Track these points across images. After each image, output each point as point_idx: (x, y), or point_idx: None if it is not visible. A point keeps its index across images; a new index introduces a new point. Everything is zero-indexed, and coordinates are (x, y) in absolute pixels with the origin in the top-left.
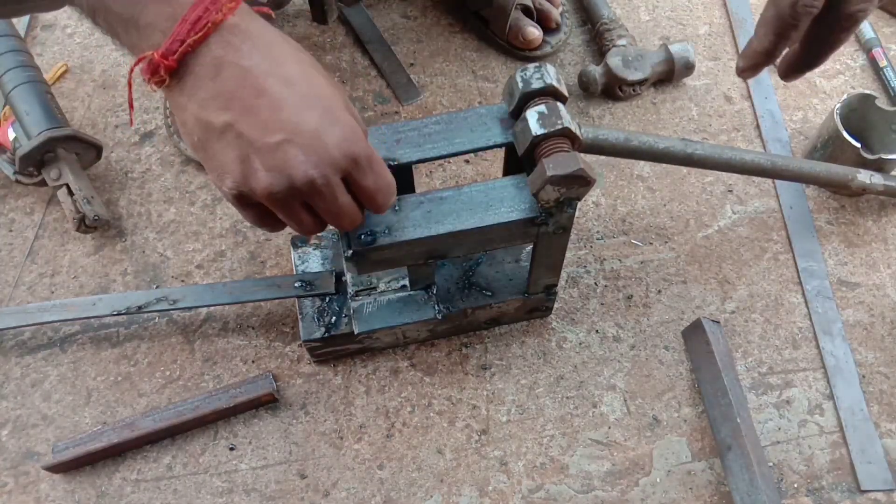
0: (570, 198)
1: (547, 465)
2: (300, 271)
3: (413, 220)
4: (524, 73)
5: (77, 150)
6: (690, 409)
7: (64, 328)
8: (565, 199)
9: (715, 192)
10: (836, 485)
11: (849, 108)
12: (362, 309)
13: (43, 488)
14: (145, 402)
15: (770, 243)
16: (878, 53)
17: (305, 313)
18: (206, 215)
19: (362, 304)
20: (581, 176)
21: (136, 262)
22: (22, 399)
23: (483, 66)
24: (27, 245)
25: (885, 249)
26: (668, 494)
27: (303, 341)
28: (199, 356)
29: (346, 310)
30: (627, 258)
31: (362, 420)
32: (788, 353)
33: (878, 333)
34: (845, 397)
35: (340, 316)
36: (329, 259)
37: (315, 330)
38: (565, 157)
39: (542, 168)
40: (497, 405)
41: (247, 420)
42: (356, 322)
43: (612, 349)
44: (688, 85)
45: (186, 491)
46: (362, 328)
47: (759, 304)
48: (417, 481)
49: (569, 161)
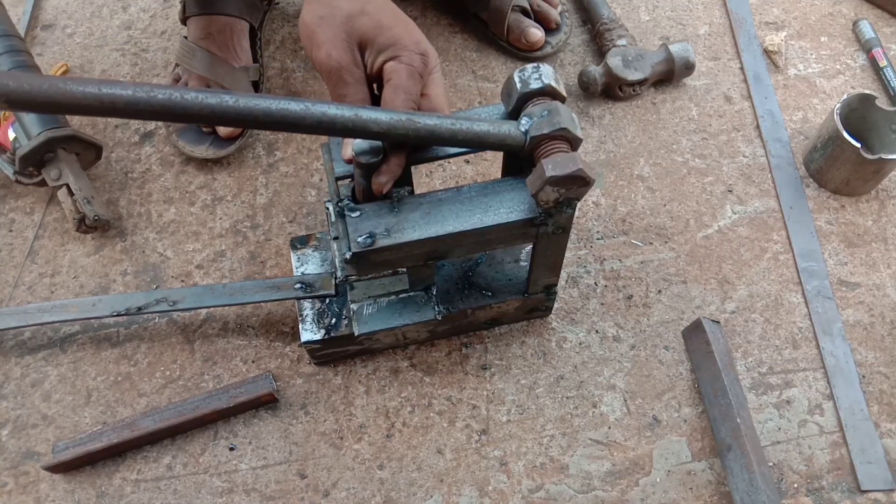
0: (569, 198)
1: (547, 465)
2: (300, 273)
3: (412, 222)
4: (522, 73)
5: (77, 150)
6: (690, 409)
7: (64, 328)
8: (564, 199)
9: (715, 192)
10: (836, 485)
11: (849, 108)
12: (362, 310)
13: (43, 488)
14: (145, 402)
15: (770, 243)
16: (877, 53)
17: (305, 315)
18: (205, 215)
19: (362, 305)
20: (580, 176)
21: (135, 262)
22: (22, 399)
23: (483, 67)
24: (27, 245)
25: (884, 249)
26: (668, 494)
27: (302, 343)
28: (199, 356)
29: (345, 311)
30: (627, 258)
31: (362, 420)
32: (788, 353)
33: (878, 333)
34: (845, 397)
35: (340, 318)
36: (328, 261)
37: (315, 332)
38: (564, 158)
39: (542, 169)
40: (497, 405)
41: (247, 420)
42: (356, 324)
43: (612, 349)
44: (688, 85)
45: (186, 491)
46: (362, 330)
47: (759, 304)
48: (417, 481)
49: (568, 162)
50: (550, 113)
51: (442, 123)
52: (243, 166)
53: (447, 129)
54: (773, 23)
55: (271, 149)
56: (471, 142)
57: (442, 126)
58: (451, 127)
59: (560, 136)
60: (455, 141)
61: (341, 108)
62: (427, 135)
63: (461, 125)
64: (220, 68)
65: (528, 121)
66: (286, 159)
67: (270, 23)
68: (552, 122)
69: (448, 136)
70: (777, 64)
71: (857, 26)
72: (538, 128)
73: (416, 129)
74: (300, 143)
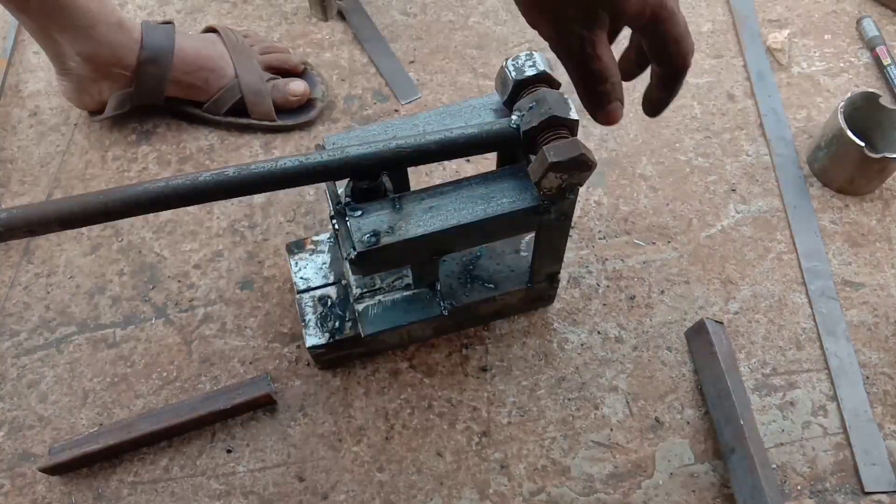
0: (571, 184)
1: (548, 468)
2: (298, 277)
3: (416, 217)
4: (515, 61)
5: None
6: (693, 410)
7: (60, 328)
8: (567, 185)
9: (718, 192)
10: (839, 487)
11: (853, 107)
12: (367, 311)
13: (39, 490)
14: (142, 403)
15: (774, 243)
16: (881, 51)
17: (308, 320)
18: (203, 215)
19: (367, 306)
20: (583, 161)
21: (132, 262)
22: (18, 400)
23: (483, 64)
24: (23, 244)
25: (889, 249)
26: (670, 497)
27: (308, 348)
28: (197, 357)
29: (349, 313)
30: (630, 258)
31: (361, 422)
32: (792, 353)
33: (883, 334)
34: (849, 398)
35: (344, 320)
36: (327, 264)
37: (319, 336)
38: (566, 144)
39: (543, 156)
40: (498, 407)
41: (244, 422)
42: (362, 324)
43: (614, 350)
44: (690, 83)
45: (184, 493)
46: (369, 330)
47: (763, 304)
48: (417, 484)
49: (569, 147)
50: (538, 103)
51: (430, 141)
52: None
53: (437, 145)
54: (777, 20)
55: (268, 147)
56: (465, 150)
57: (430, 143)
58: (442, 141)
59: (553, 123)
60: (449, 154)
61: (328, 154)
62: (419, 156)
63: (452, 136)
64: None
65: (518, 115)
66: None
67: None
68: (540, 112)
69: (440, 151)
70: (780, 62)
71: (860, 24)
72: (528, 121)
73: (406, 153)
74: (298, 142)
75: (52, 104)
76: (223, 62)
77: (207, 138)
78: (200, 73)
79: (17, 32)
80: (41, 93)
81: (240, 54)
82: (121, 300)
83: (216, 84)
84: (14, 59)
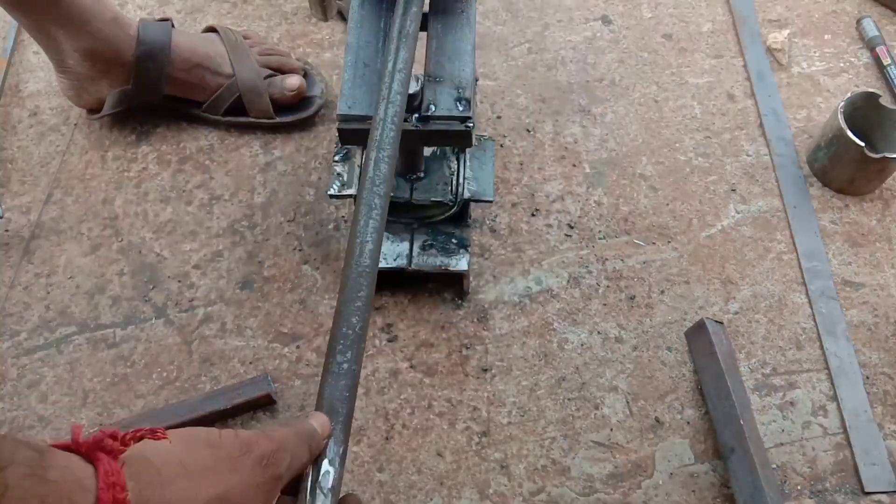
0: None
1: (548, 468)
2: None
3: None
4: None
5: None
6: (693, 410)
7: (60, 329)
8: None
9: (718, 192)
10: (839, 487)
11: (853, 107)
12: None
13: None
14: (142, 403)
15: (774, 243)
16: (881, 51)
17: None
18: (203, 215)
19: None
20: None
21: (132, 262)
22: (18, 400)
23: (483, 64)
24: (23, 245)
25: (889, 249)
26: (670, 497)
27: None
28: (197, 357)
29: None
30: (630, 258)
31: (361, 422)
32: (792, 353)
33: (883, 334)
34: (849, 398)
35: None
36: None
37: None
38: None
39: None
40: (498, 407)
41: (245, 422)
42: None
43: (614, 350)
44: (690, 83)
45: None
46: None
47: (763, 304)
48: (417, 484)
49: None
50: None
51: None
52: (240, 165)
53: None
54: (777, 20)
55: (268, 147)
56: None
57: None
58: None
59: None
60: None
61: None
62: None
63: None
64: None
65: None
66: (284, 158)
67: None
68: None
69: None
70: (780, 62)
71: (860, 24)
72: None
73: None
74: (298, 142)
75: (52, 104)
76: (221, 60)
77: (207, 138)
78: (198, 71)
79: (17, 33)
80: (41, 93)
81: (238, 53)
82: (121, 300)
83: (214, 82)
84: (14, 59)
